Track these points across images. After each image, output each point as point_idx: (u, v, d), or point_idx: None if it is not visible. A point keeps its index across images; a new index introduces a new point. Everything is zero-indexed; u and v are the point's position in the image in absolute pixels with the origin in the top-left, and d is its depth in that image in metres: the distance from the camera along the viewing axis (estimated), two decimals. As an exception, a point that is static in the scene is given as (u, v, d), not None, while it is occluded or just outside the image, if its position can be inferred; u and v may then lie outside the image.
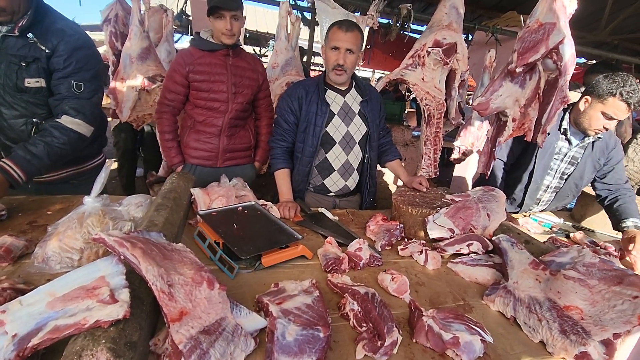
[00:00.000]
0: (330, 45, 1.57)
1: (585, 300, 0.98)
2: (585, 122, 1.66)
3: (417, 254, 1.34)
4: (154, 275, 0.74)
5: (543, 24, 1.18)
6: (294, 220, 1.53)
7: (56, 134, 1.37)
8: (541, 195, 1.99)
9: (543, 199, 2.02)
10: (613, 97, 1.52)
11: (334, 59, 1.56)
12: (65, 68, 1.38)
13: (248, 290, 1.04)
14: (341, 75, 1.60)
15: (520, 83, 1.33)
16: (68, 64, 1.38)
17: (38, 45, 1.32)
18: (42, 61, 1.35)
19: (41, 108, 1.41)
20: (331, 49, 1.57)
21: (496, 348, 0.94)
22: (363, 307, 0.94)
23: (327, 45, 1.59)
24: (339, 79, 1.61)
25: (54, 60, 1.36)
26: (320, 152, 1.72)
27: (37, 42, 1.32)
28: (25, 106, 1.38)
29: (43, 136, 1.36)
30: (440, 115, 1.92)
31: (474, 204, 1.50)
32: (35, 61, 1.33)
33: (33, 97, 1.38)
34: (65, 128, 1.40)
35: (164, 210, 1.15)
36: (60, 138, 1.38)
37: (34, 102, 1.39)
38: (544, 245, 1.33)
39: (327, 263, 1.18)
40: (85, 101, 1.45)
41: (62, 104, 1.40)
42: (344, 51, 1.54)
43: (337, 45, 1.54)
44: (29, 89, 1.36)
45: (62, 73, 1.38)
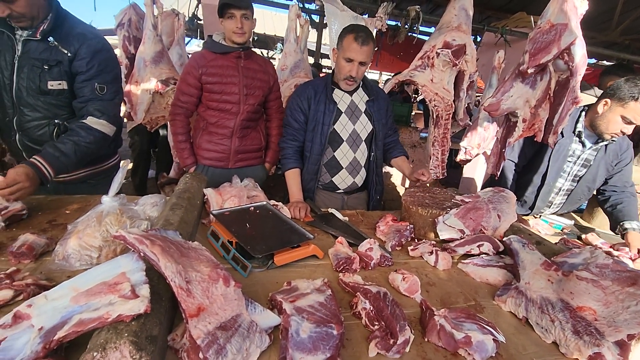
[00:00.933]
0: (344, 56, 1.59)
1: (599, 301, 0.98)
2: (603, 125, 1.63)
3: (427, 255, 1.35)
4: (173, 272, 0.76)
5: (555, 24, 1.18)
6: (305, 221, 1.55)
7: (83, 134, 1.43)
8: (553, 197, 1.98)
9: (555, 202, 2.00)
10: (635, 102, 1.49)
11: (347, 69, 1.59)
12: (88, 71, 1.43)
13: (261, 288, 1.06)
14: (351, 85, 1.67)
15: (531, 84, 1.33)
16: (90, 66, 1.42)
17: (60, 48, 1.37)
18: (65, 64, 1.40)
19: (63, 110, 1.46)
20: (345, 60, 1.59)
21: (508, 348, 0.94)
22: (375, 305, 0.95)
23: (341, 54, 1.61)
24: (348, 88, 1.68)
25: (77, 63, 1.41)
26: (328, 150, 1.75)
27: (59, 46, 1.37)
28: (47, 108, 1.43)
29: (70, 136, 1.42)
30: (449, 116, 1.92)
31: (484, 205, 1.50)
32: (57, 64, 1.38)
33: (55, 99, 1.43)
34: (90, 128, 1.45)
35: (179, 210, 1.18)
36: (86, 137, 1.44)
37: (56, 104, 1.44)
38: (556, 247, 1.32)
39: (339, 263, 1.19)
40: (108, 102, 1.51)
41: (87, 106, 1.46)
42: (357, 64, 1.57)
43: (352, 58, 1.56)
44: (51, 91, 1.40)
45: (85, 76, 1.43)
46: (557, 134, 1.38)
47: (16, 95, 1.38)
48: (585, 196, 2.00)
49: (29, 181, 1.25)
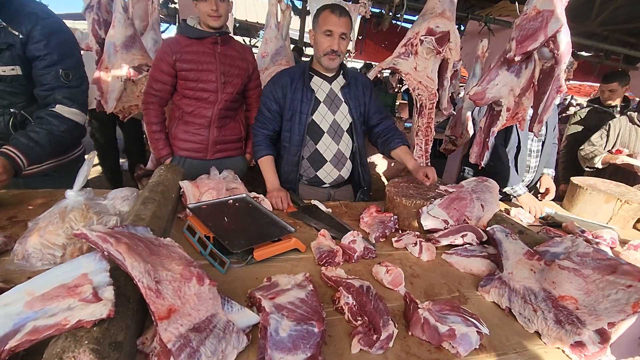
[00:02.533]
0: (322, 30, 1.52)
1: (580, 290, 0.98)
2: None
3: (411, 246, 1.33)
4: (140, 272, 0.70)
5: (541, 11, 1.16)
6: (287, 212, 1.50)
7: (55, 122, 1.34)
8: (529, 161, 2.17)
9: (531, 165, 2.19)
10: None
11: (327, 44, 1.52)
12: (48, 55, 1.31)
13: (240, 285, 1.01)
14: (334, 60, 1.56)
15: (516, 72, 1.31)
16: (49, 50, 1.31)
17: (9, 30, 1.25)
18: (17, 47, 1.27)
19: (18, 97, 1.34)
20: (324, 34, 1.52)
21: (492, 339, 0.93)
22: (358, 300, 0.92)
23: (318, 30, 1.55)
24: (332, 64, 1.57)
25: (32, 47, 1.29)
26: (309, 143, 1.69)
27: (8, 27, 1.24)
28: (1, 96, 1.31)
29: (42, 124, 1.32)
30: (432, 105, 1.89)
31: (468, 195, 1.49)
32: (9, 48, 1.26)
33: (9, 85, 1.31)
34: (62, 117, 1.36)
35: (151, 204, 1.11)
36: (60, 126, 1.35)
37: (10, 92, 1.32)
38: (538, 236, 1.32)
39: (321, 256, 1.16)
40: (75, 90, 1.41)
41: (53, 94, 1.36)
42: (338, 36, 1.50)
43: (331, 30, 1.50)
44: (3, 78, 1.29)
45: (46, 62, 1.32)
46: (542, 123, 1.38)
47: None
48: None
49: (5, 173, 1.18)
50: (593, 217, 1.93)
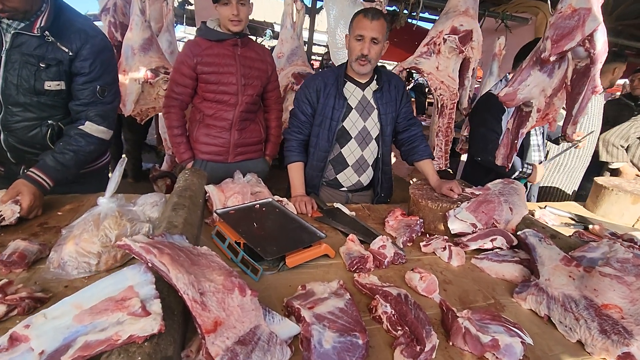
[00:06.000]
0: (354, 35, 1.50)
1: (624, 299, 0.95)
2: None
3: (440, 250, 1.31)
4: (185, 284, 0.69)
5: (577, 9, 1.12)
6: (312, 217, 1.49)
7: (82, 143, 1.35)
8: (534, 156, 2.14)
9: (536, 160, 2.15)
10: None
11: (358, 49, 1.49)
12: (91, 72, 1.32)
13: (274, 292, 1.00)
14: (365, 66, 1.53)
15: (549, 72, 1.27)
16: (93, 68, 1.32)
17: (58, 46, 1.24)
18: (65, 64, 1.28)
19: (58, 110, 1.35)
20: (355, 39, 1.50)
21: (534, 349, 0.91)
22: (397, 309, 0.91)
23: (352, 34, 1.52)
24: (362, 69, 1.54)
25: (78, 64, 1.29)
26: (335, 146, 1.67)
27: (57, 43, 1.24)
28: (41, 108, 1.31)
29: (69, 144, 1.33)
30: (453, 105, 1.87)
31: (496, 198, 1.46)
32: (57, 64, 1.26)
33: (52, 99, 1.32)
34: (90, 136, 1.37)
35: (182, 210, 1.10)
36: (86, 147, 1.36)
37: (51, 105, 1.33)
38: (571, 240, 1.29)
39: (352, 262, 1.14)
40: (108, 106, 1.42)
41: (87, 111, 1.36)
42: (368, 41, 1.47)
43: (362, 34, 1.47)
44: (48, 92, 1.29)
45: (87, 77, 1.32)
46: (577, 125, 1.34)
47: (3, 93, 1.25)
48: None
49: (37, 199, 1.21)
50: (619, 218, 1.89)
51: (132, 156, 3.61)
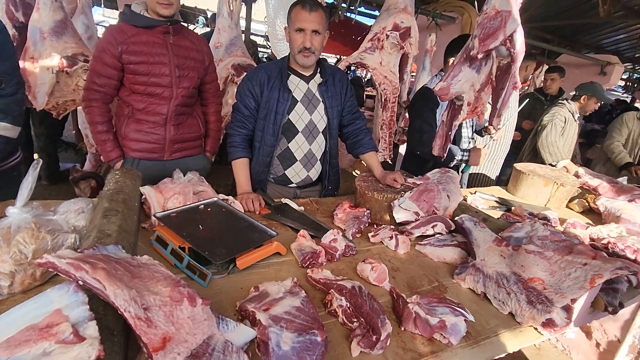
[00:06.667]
0: (294, 27, 1.46)
1: (546, 271, 1.08)
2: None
3: (387, 239, 1.36)
4: (126, 300, 0.62)
5: (500, 11, 1.23)
6: (261, 214, 1.45)
7: None
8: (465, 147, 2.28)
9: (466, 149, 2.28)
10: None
11: (300, 41, 1.46)
12: None
13: (225, 297, 0.95)
14: (309, 57, 1.50)
15: (477, 69, 1.39)
16: None
17: None
18: None
19: None
20: (296, 31, 1.46)
21: (474, 324, 0.99)
22: (353, 302, 0.92)
23: (291, 26, 1.48)
24: (307, 61, 1.51)
25: None
26: (282, 141, 1.63)
27: None
28: None
29: None
30: (395, 99, 1.94)
31: (435, 186, 1.55)
32: None
33: None
34: None
35: (115, 217, 0.99)
36: None
37: None
38: (500, 222, 1.43)
39: (304, 258, 1.13)
40: (9, 99, 1.21)
41: None
42: (310, 33, 1.45)
43: (302, 27, 1.44)
44: None
45: None
46: (501, 117, 1.48)
47: None
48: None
49: None
50: (535, 199, 2.14)
51: (46, 154, 3.16)
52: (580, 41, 8.80)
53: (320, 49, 1.51)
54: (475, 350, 0.92)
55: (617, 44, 9.41)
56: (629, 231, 1.69)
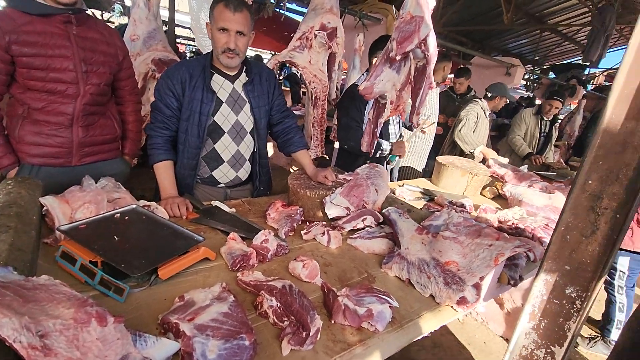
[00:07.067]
0: (217, 26, 1.39)
1: (459, 254, 1.19)
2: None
3: (320, 236, 1.39)
4: (15, 329, 0.55)
5: (414, 16, 1.32)
6: (188, 219, 1.37)
7: None
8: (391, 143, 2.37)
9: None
10: None
11: (223, 41, 1.40)
12: None
13: (146, 311, 0.89)
14: (233, 59, 1.44)
15: (397, 69, 1.47)
16: None
17: None
18: None
19: None
20: (219, 30, 1.39)
21: (400, 309, 1.06)
22: (283, 301, 0.92)
23: (213, 24, 1.40)
24: (231, 62, 1.45)
25: None
26: (207, 142, 1.55)
27: None
28: None
29: None
30: (325, 97, 1.98)
31: (364, 181, 1.62)
32: None
33: None
34: None
35: (5, 234, 0.86)
36: None
37: None
38: (422, 212, 1.55)
39: (235, 261, 1.11)
40: None
41: None
42: (234, 34, 1.39)
43: (226, 27, 1.37)
44: None
45: None
46: (420, 115, 1.60)
47: None
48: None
49: None
50: (454, 189, 2.36)
51: None
52: (490, 45, 9.88)
53: (245, 51, 1.47)
54: (400, 333, 0.98)
55: (520, 48, 10.77)
56: (529, 213, 1.95)
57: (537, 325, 1.03)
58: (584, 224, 0.93)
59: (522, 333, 1.05)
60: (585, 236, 0.93)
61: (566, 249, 0.96)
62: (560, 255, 0.97)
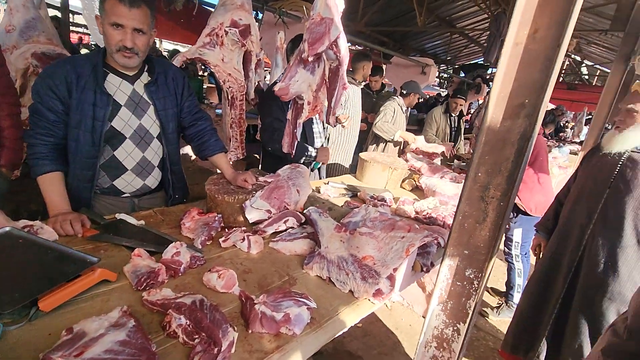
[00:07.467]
0: (109, 21, 1.23)
1: (375, 249, 1.24)
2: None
3: (240, 242, 1.33)
4: None
5: (324, 18, 1.33)
6: (85, 237, 1.21)
7: None
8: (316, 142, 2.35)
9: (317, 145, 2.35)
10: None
11: (118, 39, 1.24)
12: None
13: (25, 351, 0.76)
14: (131, 59, 1.29)
15: (312, 70, 1.48)
16: None
17: None
18: None
19: None
20: (111, 26, 1.23)
21: (319, 309, 1.06)
22: (192, 318, 0.86)
23: (105, 19, 1.24)
24: (129, 62, 1.29)
25: None
26: (105, 149, 1.38)
27: None
28: None
29: None
30: (243, 97, 1.92)
31: (285, 183, 1.61)
32: None
33: None
34: None
35: None
36: None
37: None
38: (343, 209, 1.58)
39: (140, 280, 1.01)
40: None
41: None
42: (130, 31, 1.24)
43: (120, 23, 1.22)
44: None
45: None
46: (336, 115, 1.62)
47: None
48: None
49: None
50: (376, 183, 2.47)
51: None
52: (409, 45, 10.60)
53: (145, 50, 1.32)
54: (319, 333, 0.99)
55: (435, 48, 11.76)
56: (442, 202, 2.12)
57: (445, 306, 1.13)
58: (477, 212, 1.03)
59: (433, 315, 1.14)
60: (479, 223, 1.04)
61: (464, 236, 1.06)
62: (460, 241, 1.07)
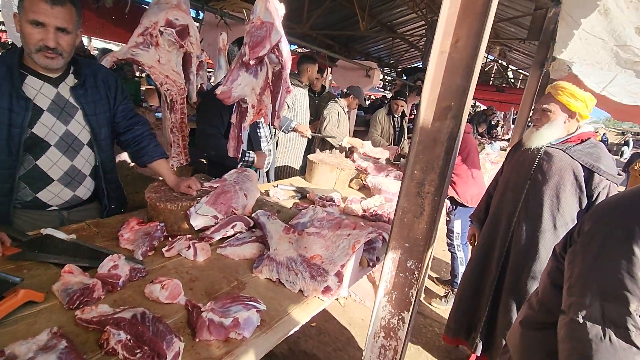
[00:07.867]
0: (27, 18, 1.12)
1: (322, 248, 1.27)
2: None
3: (185, 250, 1.29)
4: None
5: (264, 22, 1.34)
6: (5, 256, 1.09)
7: None
8: (263, 146, 2.31)
9: (265, 148, 2.33)
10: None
11: (38, 38, 1.13)
12: None
13: None
14: (55, 60, 1.19)
15: (254, 74, 1.47)
16: None
17: None
18: None
19: None
20: (31, 24, 1.12)
21: (269, 311, 1.07)
22: (133, 332, 0.83)
23: (23, 16, 1.13)
24: (51, 63, 1.19)
25: None
26: (26, 158, 1.26)
27: None
28: None
29: None
30: (183, 100, 1.85)
31: (232, 187, 1.58)
32: None
33: None
34: None
35: None
36: None
37: None
38: (291, 211, 1.60)
39: (72, 298, 0.94)
40: None
41: None
42: (53, 30, 1.14)
43: (41, 21, 1.12)
44: None
45: None
46: (280, 118, 1.63)
47: None
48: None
49: None
50: (325, 184, 2.52)
51: None
52: (354, 48, 10.95)
53: (70, 51, 1.23)
54: (269, 334, 0.99)
55: (379, 52, 12.27)
56: (387, 199, 2.22)
57: (390, 297, 1.19)
58: (415, 207, 1.11)
59: (380, 306, 1.20)
60: (417, 217, 1.12)
61: (404, 229, 1.14)
62: (401, 235, 1.15)
